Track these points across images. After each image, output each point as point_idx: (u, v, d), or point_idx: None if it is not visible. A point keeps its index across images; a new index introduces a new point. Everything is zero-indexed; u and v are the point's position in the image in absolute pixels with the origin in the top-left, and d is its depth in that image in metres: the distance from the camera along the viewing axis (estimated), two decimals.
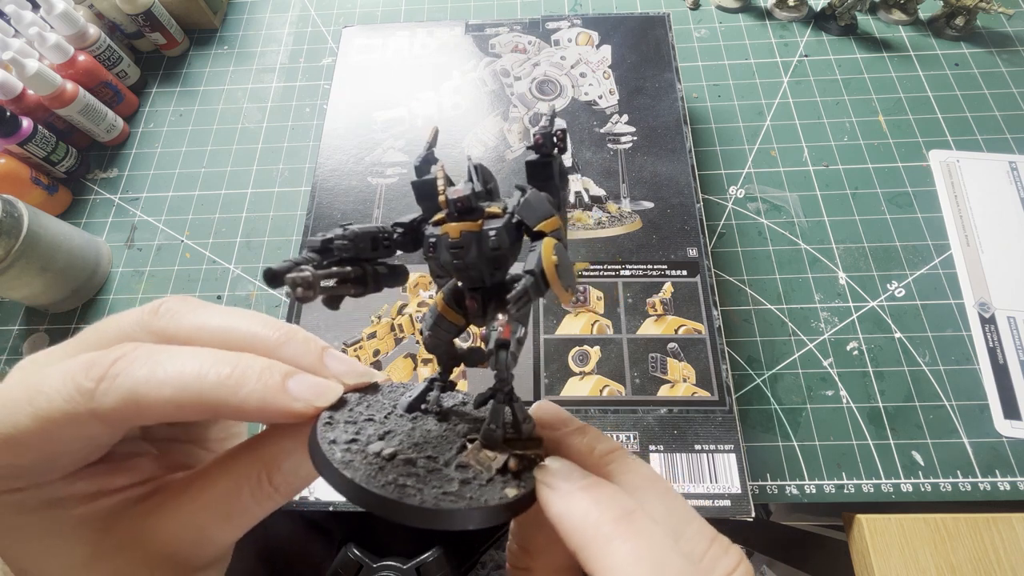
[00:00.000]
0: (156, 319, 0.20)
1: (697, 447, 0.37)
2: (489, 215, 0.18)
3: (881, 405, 0.43)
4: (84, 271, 0.50)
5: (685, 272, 0.42)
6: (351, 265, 0.18)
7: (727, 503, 0.35)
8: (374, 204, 0.47)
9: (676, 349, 0.40)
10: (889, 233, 0.49)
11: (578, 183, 0.46)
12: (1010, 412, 0.42)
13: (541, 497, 0.18)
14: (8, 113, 0.50)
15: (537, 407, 0.21)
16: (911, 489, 0.40)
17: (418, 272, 0.44)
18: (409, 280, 0.43)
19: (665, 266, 0.43)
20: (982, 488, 0.40)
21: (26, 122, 0.52)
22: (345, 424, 0.19)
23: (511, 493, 0.18)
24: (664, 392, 0.38)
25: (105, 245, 0.54)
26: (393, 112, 0.51)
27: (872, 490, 0.40)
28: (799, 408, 0.43)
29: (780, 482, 0.41)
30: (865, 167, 0.52)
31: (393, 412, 0.20)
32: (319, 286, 0.16)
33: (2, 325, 0.51)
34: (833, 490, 0.40)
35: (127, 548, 0.19)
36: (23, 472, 0.18)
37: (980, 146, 0.53)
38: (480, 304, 0.19)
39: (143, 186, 0.57)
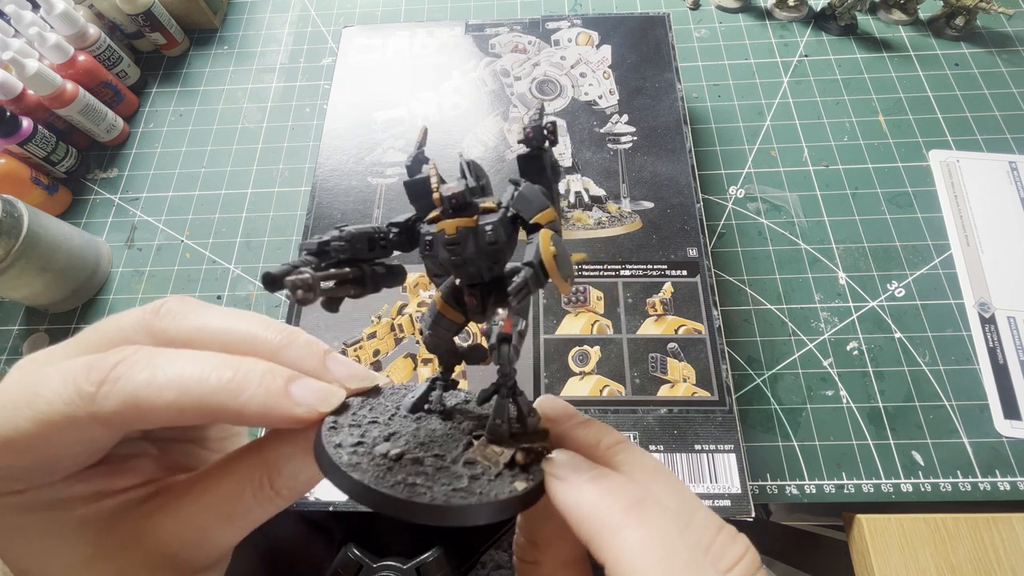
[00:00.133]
0: (157, 320, 0.20)
1: (697, 447, 0.37)
2: (484, 210, 0.18)
3: (881, 405, 0.43)
4: (84, 271, 0.50)
5: (685, 272, 0.42)
6: (349, 266, 0.18)
7: (727, 503, 0.35)
8: (374, 204, 0.47)
9: (676, 349, 0.40)
10: (889, 233, 0.49)
11: (578, 183, 0.46)
12: (1010, 412, 0.42)
13: (550, 489, 0.18)
14: (8, 113, 0.50)
15: (541, 401, 0.21)
16: (911, 489, 0.40)
17: (417, 272, 0.44)
18: (408, 280, 0.43)
19: (665, 266, 0.43)
20: (982, 488, 0.40)
21: (26, 122, 0.52)
22: (350, 427, 0.19)
23: (520, 486, 0.18)
24: (664, 392, 0.38)
25: (105, 245, 0.54)
26: (393, 112, 0.51)
27: (872, 490, 0.40)
28: (799, 408, 0.43)
29: (780, 482, 0.41)
30: (865, 167, 0.52)
31: (396, 413, 0.20)
32: (319, 288, 0.16)
33: (2, 325, 0.51)
34: (833, 490, 0.40)
35: (128, 549, 0.19)
36: (23, 474, 0.18)
37: (980, 146, 0.53)
38: (479, 300, 0.19)
39: (143, 186, 0.57)
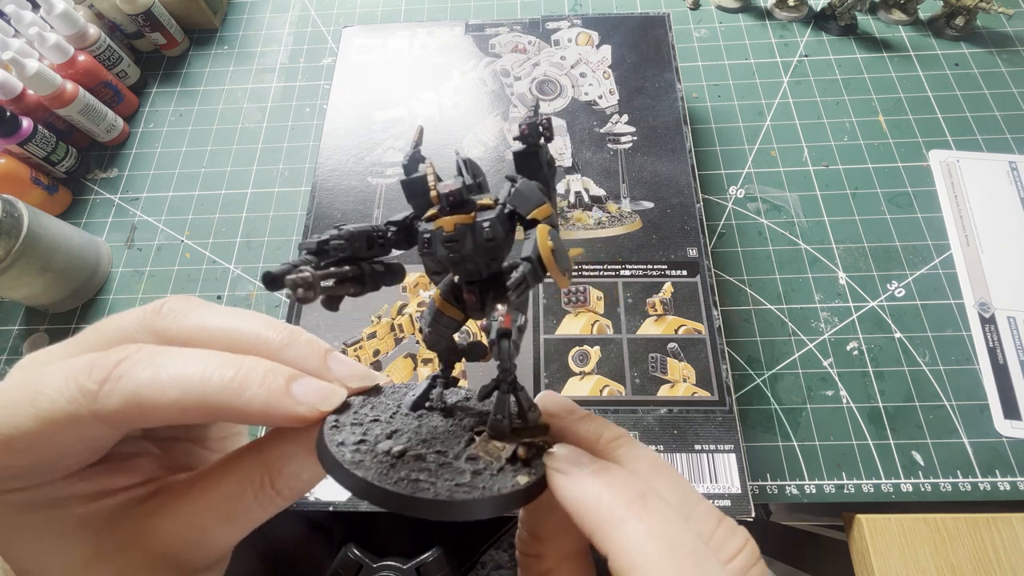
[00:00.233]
0: (158, 319, 0.20)
1: (697, 447, 0.37)
2: (481, 207, 0.18)
3: (881, 405, 0.43)
4: (84, 271, 0.50)
5: (685, 272, 0.42)
6: (348, 265, 0.18)
7: (727, 503, 0.35)
8: (374, 204, 0.47)
9: (676, 349, 0.40)
10: (889, 233, 0.49)
11: (578, 183, 0.46)
12: (1010, 412, 0.42)
13: (553, 482, 0.18)
14: (8, 113, 0.50)
15: (542, 397, 0.22)
16: (911, 489, 0.40)
17: (417, 272, 0.44)
18: (408, 280, 0.43)
19: (665, 266, 0.43)
20: (982, 488, 0.40)
21: (26, 122, 0.52)
22: (352, 426, 0.19)
23: (523, 480, 0.18)
24: (664, 392, 0.38)
25: (105, 245, 0.54)
26: (393, 112, 0.51)
27: (872, 490, 0.40)
28: (799, 408, 0.43)
29: (780, 482, 0.41)
30: (865, 167, 0.52)
31: (398, 412, 0.20)
32: (319, 287, 0.16)
33: (2, 325, 0.51)
34: (833, 490, 0.40)
35: (128, 548, 0.19)
36: (25, 472, 0.18)
37: (980, 146, 0.52)
38: (478, 297, 0.19)
39: (143, 186, 0.57)
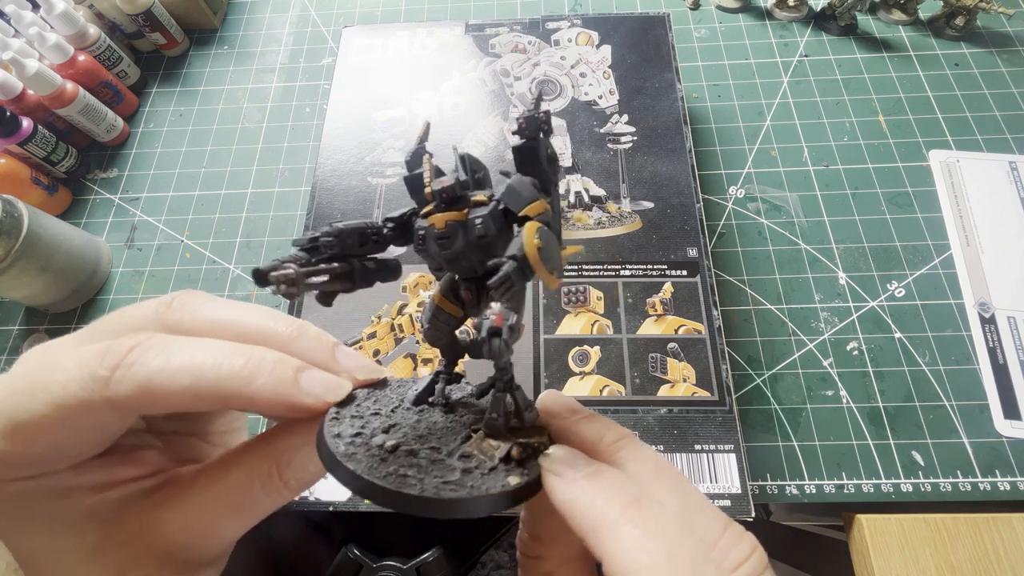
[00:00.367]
0: (169, 312, 0.20)
1: (697, 447, 0.37)
2: (475, 203, 0.18)
3: (881, 405, 0.43)
4: (84, 271, 0.50)
5: (685, 272, 0.42)
6: (338, 261, 0.18)
7: (727, 503, 0.35)
8: (374, 204, 0.47)
9: (676, 349, 0.40)
10: (889, 233, 0.49)
11: (578, 183, 0.46)
12: (1010, 412, 0.42)
13: (547, 485, 0.18)
14: (8, 113, 0.50)
15: (544, 396, 0.21)
16: (911, 489, 0.40)
17: (418, 272, 0.44)
18: (408, 280, 0.43)
19: (665, 266, 0.43)
20: (982, 488, 0.40)
21: (26, 122, 0.52)
22: (351, 419, 0.19)
23: (513, 481, 0.18)
24: (664, 392, 0.38)
25: (105, 245, 0.54)
26: (393, 112, 0.51)
27: (872, 490, 0.40)
28: (799, 408, 0.43)
29: (780, 482, 0.41)
30: (865, 167, 0.52)
31: (400, 406, 0.20)
32: (302, 283, 0.16)
33: (2, 325, 0.51)
34: (833, 490, 0.40)
35: (134, 540, 0.19)
36: (34, 460, 0.18)
37: (980, 146, 0.52)
38: (474, 294, 0.19)
39: (143, 186, 0.57)
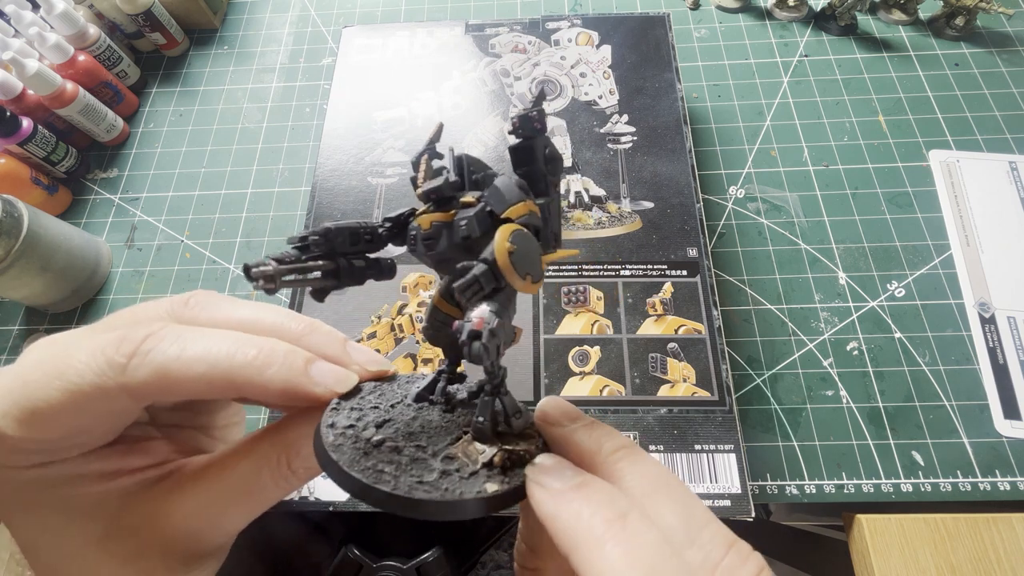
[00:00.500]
0: (186, 310, 0.21)
1: (697, 447, 0.37)
2: (464, 205, 0.18)
3: (881, 405, 0.43)
4: (84, 271, 0.50)
5: (685, 272, 0.42)
6: (326, 260, 0.18)
7: (727, 503, 0.35)
8: (374, 204, 0.47)
9: (676, 349, 0.40)
10: (889, 233, 0.49)
11: (578, 183, 0.46)
12: (1010, 412, 0.42)
13: (531, 496, 0.17)
14: (8, 113, 0.50)
15: (544, 403, 0.21)
16: (911, 489, 0.40)
17: (418, 272, 0.44)
18: (408, 280, 0.43)
19: (665, 266, 0.43)
20: (982, 488, 0.40)
21: (26, 122, 0.52)
22: (350, 410, 0.19)
23: (490, 488, 0.17)
24: (664, 392, 0.38)
25: (105, 245, 0.54)
26: (393, 112, 0.51)
27: (872, 490, 0.40)
28: (799, 408, 0.43)
29: (780, 482, 0.41)
30: (865, 167, 0.52)
31: (401, 402, 0.21)
32: (280, 280, 0.17)
33: (2, 325, 0.51)
34: (833, 490, 0.40)
35: (141, 529, 0.19)
36: (47, 447, 0.18)
37: (980, 146, 0.52)
38: None
39: (143, 186, 0.57)
